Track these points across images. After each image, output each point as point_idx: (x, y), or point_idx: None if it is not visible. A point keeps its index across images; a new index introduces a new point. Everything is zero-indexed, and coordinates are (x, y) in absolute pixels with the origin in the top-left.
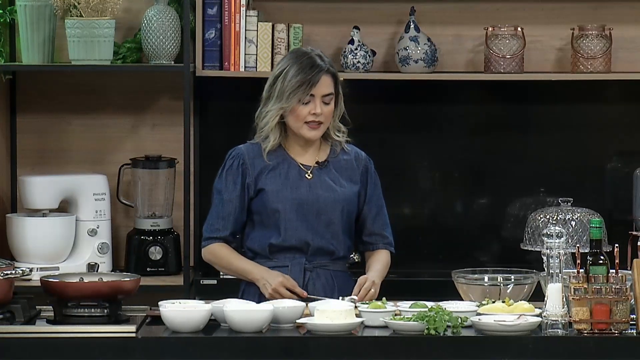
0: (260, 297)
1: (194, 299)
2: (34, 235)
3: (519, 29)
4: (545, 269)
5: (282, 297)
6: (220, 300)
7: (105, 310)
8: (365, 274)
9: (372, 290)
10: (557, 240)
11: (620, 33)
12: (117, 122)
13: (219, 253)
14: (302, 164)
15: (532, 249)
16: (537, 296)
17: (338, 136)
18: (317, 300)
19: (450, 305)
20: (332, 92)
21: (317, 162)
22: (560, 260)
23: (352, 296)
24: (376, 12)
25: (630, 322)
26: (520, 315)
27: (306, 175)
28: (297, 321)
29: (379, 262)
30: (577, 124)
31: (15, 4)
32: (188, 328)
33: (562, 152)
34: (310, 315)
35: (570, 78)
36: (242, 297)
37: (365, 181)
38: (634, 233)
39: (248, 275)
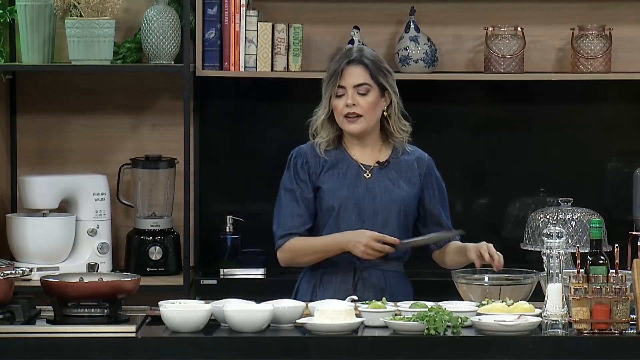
0: (312, 294)
1: (194, 299)
2: (34, 235)
3: (519, 29)
4: (545, 269)
5: (376, 251)
6: (220, 300)
7: (105, 310)
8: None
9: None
10: (557, 240)
11: (620, 33)
12: (117, 122)
13: (300, 244)
14: (362, 164)
15: (532, 249)
16: (537, 296)
17: (400, 134)
18: (411, 242)
19: (450, 305)
20: (365, 82)
21: (377, 162)
22: (560, 260)
23: (352, 296)
24: (376, 12)
25: (630, 322)
26: (520, 315)
27: (365, 175)
28: (297, 321)
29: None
30: (577, 124)
31: (15, 4)
32: (188, 328)
33: (562, 152)
34: (310, 315)
35: (570, 78)
36: (295, 297)
37: (427, 183)
38: (634, 233)
39: (336, 246)
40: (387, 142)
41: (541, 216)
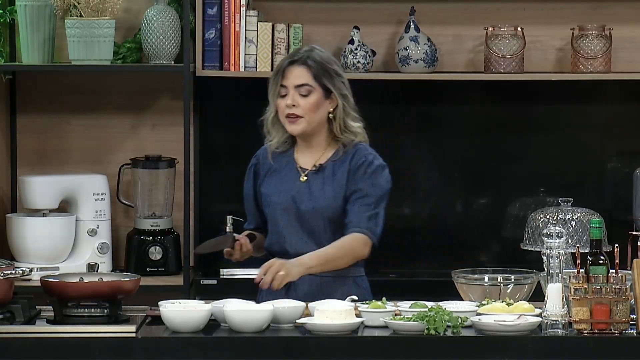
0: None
1: (194, 299)
2: (34, 235)
3: (519, 29)
4: (545, 269)
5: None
6: (220, 300)
7: (105, 310)
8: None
9: (279, 273)
10: (557, 240)
11: (620, 33)
12: (117, 122)
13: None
14: (301, 167)
15: (532, 249)
16: (537, 296)
17: (346, 136)
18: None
19: (450, 305)
20: (306, 83)
21: (314, 165)
22: (560, 260)
23: (352, 296)
24: (376, 12)
25: (630, 322)
26: (520, 315)
27: (300, 179)
28: (297, 321)
29: (330, 245)
30: (577, 124)
31: (15, 4)
32: (188, 328)
33: (562, 152)
34: (310, 315)
35: (570, 78)
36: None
37: (352, 177)
38: (634, 233)
39: None
40: (333, 144)
41: (541, 216)
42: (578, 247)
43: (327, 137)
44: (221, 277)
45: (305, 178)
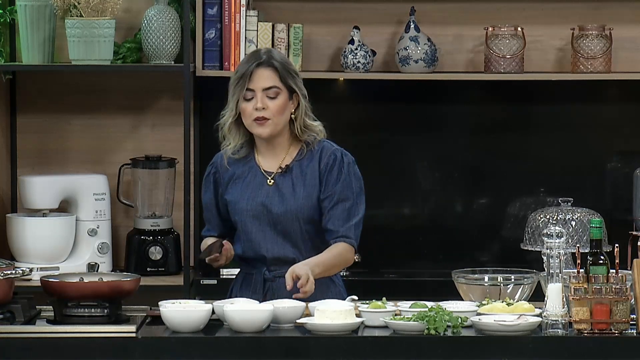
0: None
1: (194, 299)
2: (34, 235)
3: (519, 29)
4: (545, 269)
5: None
6: (223, 300)
7: (105, 310)
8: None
9: (307, 285)
10: (557, 240)
11: (620, 33)
12: (117, 122)
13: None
14: (265, 170)
15: (532, 249)
16: (537, 296)
17: (308, 136)
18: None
19: (450, 305)
20: (274, 85)
21: (280, 168)
22: (560, 260)
23: (352, 296)
24: (376, 12)
25: (630, 322)
26: (520, 315)
27: (267, 182)
28: (297, 321)
29: (326, 252)
30: (577, 124)
31: (15, 4)
32: (188, 328)
33: (562, 152)
34: (310, 315)
35: (570, 78)
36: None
37: (325, 178)
38: (634, 233)
39: None
40: (295, 144)
41: (541, 216)
42: (578, 247)
43: (288, 138)
44: (221, 277)
45: (272, 182)
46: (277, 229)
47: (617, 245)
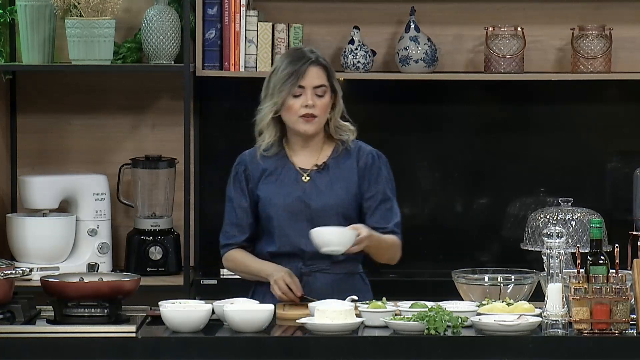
0: (266, 297)
1: (194, 299)
2: (34, 235)
3: (519, 29)
4: (545, 269)
5: (280, 289)
6: (224, 300)
7: (105, 310)
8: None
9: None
10: (557, 240)
11: (620, 33)
12: (117, 122)
13: (235, 258)
14: (300, 167)
15: (532, 249)
16: (537, 296)
17: (341, 135)
18: (310, 301)
19: (450, 305)
20: (324, 84)
21: (315, 165)
22: (560, 260)
23: (352, 296)
24: (376, 12)
25: (630, 322)
26: (520, 315)
27: (303, 179)
28: (297, 321)
29: (386, 236)
30: (577, 124)
31: (15, 4)
32: (188, 328)
33: (562, 152)
34: (310, 315)
35: (570, 78)
36: (252, 297)
37: (366, 177)
38: (634, 233)
39: (262, 274)
40: (329, 142)
41: (541, 216)
42: (578, 247)
43: (322, 136)
44: (221, 277)
45: (307, 178)
46: (314, 224)
47: (617, 245)
